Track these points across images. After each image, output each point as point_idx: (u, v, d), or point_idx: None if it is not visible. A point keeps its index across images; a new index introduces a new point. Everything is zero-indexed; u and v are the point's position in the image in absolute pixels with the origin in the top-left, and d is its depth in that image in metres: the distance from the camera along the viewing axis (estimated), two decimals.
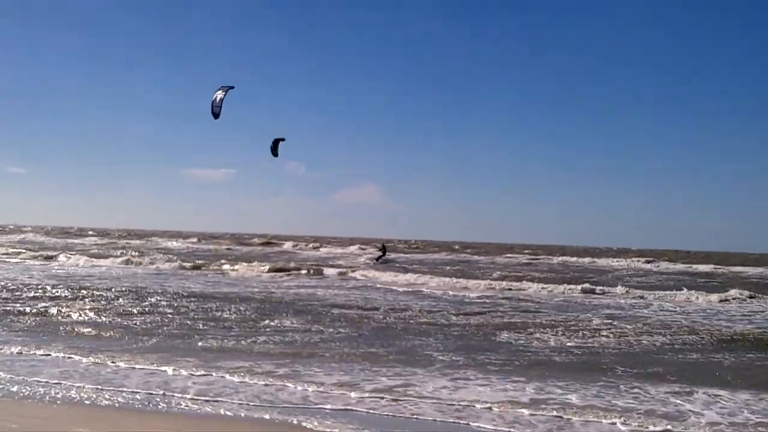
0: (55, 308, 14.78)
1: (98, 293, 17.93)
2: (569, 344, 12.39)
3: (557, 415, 7.75)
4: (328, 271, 29.73)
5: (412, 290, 22.54)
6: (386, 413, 7.75)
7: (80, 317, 14.02)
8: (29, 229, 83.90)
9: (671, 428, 7.38)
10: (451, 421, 7.53)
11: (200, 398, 8.13)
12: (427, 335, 13.11)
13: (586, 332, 13.62)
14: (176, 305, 16.07)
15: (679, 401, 8.49)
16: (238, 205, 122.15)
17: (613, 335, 13.32)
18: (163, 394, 8.26)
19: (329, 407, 7.87)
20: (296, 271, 29.55)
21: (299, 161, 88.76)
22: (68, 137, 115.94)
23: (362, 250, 51.36)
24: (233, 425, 7.23)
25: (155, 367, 9.65)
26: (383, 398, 8.29)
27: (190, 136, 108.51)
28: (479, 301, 19.63)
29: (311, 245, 59.84)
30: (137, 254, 36.63)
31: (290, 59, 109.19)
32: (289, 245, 59.57)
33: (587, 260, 46.79)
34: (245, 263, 32.02)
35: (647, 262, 45.91)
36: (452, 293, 21.76)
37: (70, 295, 17.45)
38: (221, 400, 8.07)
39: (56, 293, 17.65)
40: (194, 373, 9.33)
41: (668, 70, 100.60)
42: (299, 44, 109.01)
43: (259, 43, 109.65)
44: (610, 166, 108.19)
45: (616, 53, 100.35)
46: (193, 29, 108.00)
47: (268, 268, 29.87)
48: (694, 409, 8.18)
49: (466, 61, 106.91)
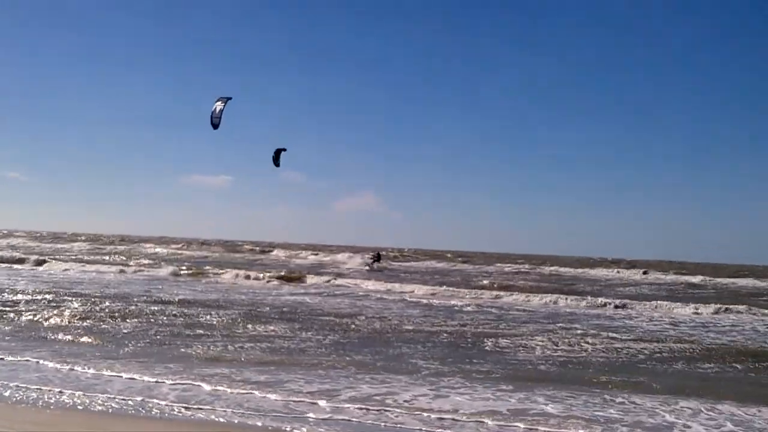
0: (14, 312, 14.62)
1: (67, 298, 17.74)
2: (555, 354, 12.31)
3: (531, 427, 7.62)
4: (316, 279, 29.49)
5: (400, 298, 22.44)
6: (362, 421, 7.64)
7: (46, 322, 13.86)
8: (23, 234, 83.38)
9: None
10: (426, 430, 7.42)
11: (179, 404, 7.99)
12: (414, 342, 13.04)
13: (573, 342, 13.55)
14: (149, 311, 15.87)
15: (665, 413, 8.39)
16: (236, 212, 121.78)
17: (600, 345, 13.25)
18: (142, 400, 8.12)
19: (312, 416, 7.75)
20: (275, 278, 29.25)
21: (298, 169, 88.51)
22: (66, 142, 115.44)
23: (355, 258, 51.18)
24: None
25: (131, 375, 9.49)
26: (361, 407, 8.14)
27: (189, 142, 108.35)
28: (467, 309, 19.53)
29: (305, 253, 59.55)
30: (107, 258, 36.20)
31: (289, 66, 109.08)
32: (279, 252, 59.30)
33: (579, 270, 46.74)
34: (233, 270, 31.79)
35: (644, 273, 45.86)
36: (440, 302, 21.67)
37: (31, 298, 17.27)
38: (203, 407, 7.93)
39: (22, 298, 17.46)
40: (173, 380, 9.18)
41: (668, 78, 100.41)
42: (298, 51, 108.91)
43: (258, 49, 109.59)
44: (610, 176, 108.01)
45: (612, 59, 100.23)
46: (192, 33, 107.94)
47: (267, 275, 29.58)
48: (678, 420, 8.10)
49: (465, 69, 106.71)
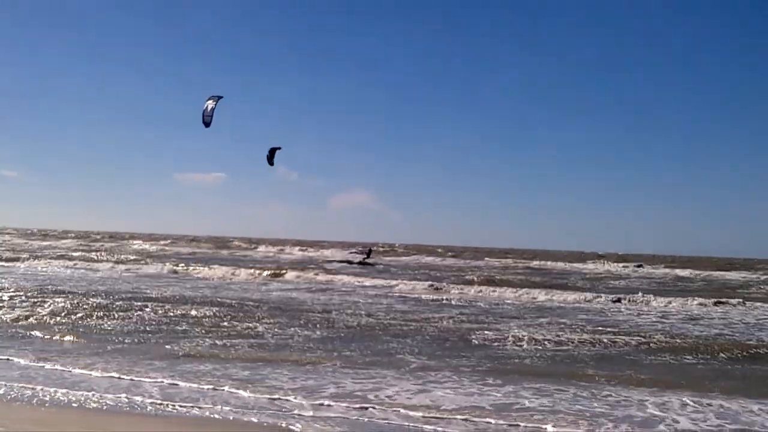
0: None
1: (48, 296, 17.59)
2: (543, 347, 12.27)
3: (514, 423, 7.53)
4: (302, 274, 29.24)
5: (389, 293, 22.39)
6: (345, 417, 7.56)
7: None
8: (12, 231, 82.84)
9: None
10: (407, 425, 7.36)
11: (164, 402, 7.91)
12: (402, 337, 13.00)
13: (560, 335, 13.50)
14: (129, 307, 15.66)
15: (652, 406, 8.35)
16: (231, 210, 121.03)
17: (588, 338, 13.21)
18: (126, 398, 8.02)
19: (295, 413, 7.66)
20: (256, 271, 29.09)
21: (292, 166, 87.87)
22: (62, 141, 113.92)
23: (343, 252, 51.15)
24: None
25: (113, 373, 9.42)
26: (344, 404, 8.04)
27: (181, 139, 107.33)
28: (455, 303, 19.50)
29: (291, 248, 59.39)
30: (78, 254, 35.87)
31: (286, 65, 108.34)
32: (268, 248, 59.05)
33: (569, 265, 46.81)
34: (217, 266, 31.59)
35: (638, 266, 45.97)
36: (428, 296, 21.60)
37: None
38: (185, 405, 7.85)
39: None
40: (155, 378, 9.09)
41: (664, 77, 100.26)
42: (295, 49, 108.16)
43: (254, 48, 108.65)
44: (608, 176, 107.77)
45: (612, 59, 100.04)
46: (188, 32, 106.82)
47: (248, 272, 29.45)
48: (666, 414, 8.05)
49: (463, 68, 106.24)
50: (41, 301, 15.86)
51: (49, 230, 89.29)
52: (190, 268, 30.74)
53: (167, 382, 8.85)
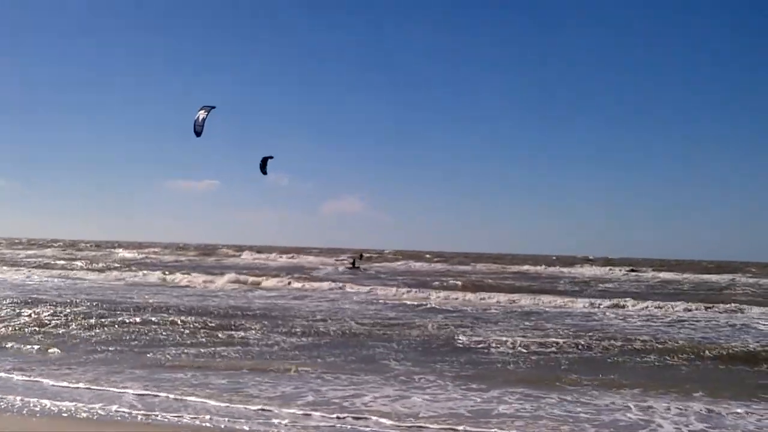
0: None
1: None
2: (527, 352, 12.16)
3: (495, 429, 7.42)
4: (288, 281, 29.01)
5: (375, 299, 22.21)
6: (319, 425, 7.44)
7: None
8: (2, 241, 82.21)
9: None
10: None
11: (145, 412, 7.74)
12: (388, 342, 12.92)
13: (545, 340, 13.40)
14: (106, 317, 15.45)
15: (636, 411, 8.27)
16: (221, 216, 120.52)
17: (572, 343, 13.10)
18: (101, 408, 7.84)
19: (274, 422, 7.53)
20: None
21: (284, 172, 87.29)
22: (50, 148, 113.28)
23: (335, 259, 51.00)
24: None
25: (92, 383, 9.25)
26: (322, 413, 7.90)
27: (173, 147, 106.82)
28: (442, 309, 19.38)
29: (285, 255, 59.18)
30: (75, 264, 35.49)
31: (274, 68, 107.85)
32: (250, 255, 58.72)
33: (557, 269, 46.85)
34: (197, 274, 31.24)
35: (631, 271, 45.92)
36: (414, 302, 21.40)
37: None
38: (167, 415, 7.71)
39: None
40: (131, 388, 8.92)
41: (658, 78, 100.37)
42: (284, 53, 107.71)
43: (245, 53, 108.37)
44: (600, 175, 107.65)
45: (612, 59, 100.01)
46: (179, 39, 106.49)
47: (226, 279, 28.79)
48: (651, 419, 7.98)
49: (456, 71, 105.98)
50: (17, 312, 15.54)
51: (38, 239, 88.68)
52: (173, 276, 30.23)
53: (138, 392, 8.65)
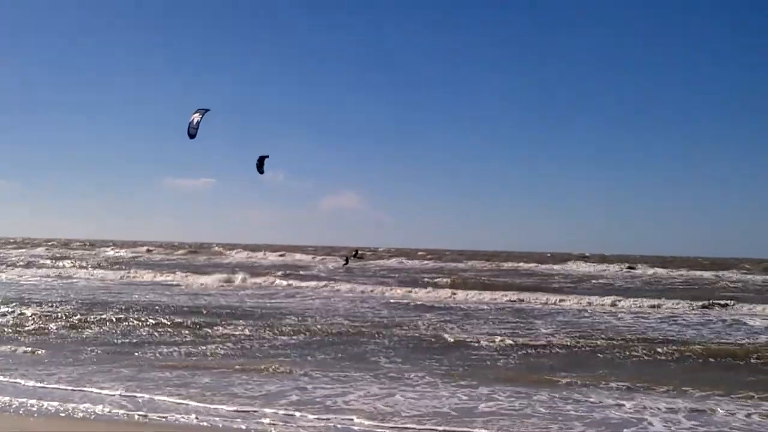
0: None
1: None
2: (519, 350, 12.08)
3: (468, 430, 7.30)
4: (287, 279, 28.96)
5: (367, 297, 22.12)
6: (300, 426, 7.33)
7: None
8: None
9: None
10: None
11: (129, 412, 7.61)
12: (379, 339, 12.87)
13: (536, 338, 13.38)
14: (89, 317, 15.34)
15: (626, 408, 8.20)
16: (218, 214, 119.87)
17: (563, 341, 13.07)
18: (80, 409, 7.72)
19: (255, 421, 7.42)
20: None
21: (280, 169, 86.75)
22: (46, 147, 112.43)
23: (329, 257, 50.82)
24: None
25: (75, 385, 9.12)
26: (297, 413, 7.77)
27: (171, 146, 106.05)
28: (434, 306, 19.32)
29: (277, 253, 58.91)
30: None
31: (274, 68, 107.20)
32: (247, 253, 58.42)
33: (549, 266, 46.72)
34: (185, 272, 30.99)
35: (629, 268, 45.67)
36: (407, 300, 21.34)
37: None
38: (153, 415, 7.60)
39: None
40: (119, 390, 8.80)
41: (658, 78, 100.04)
42: (283, 53, 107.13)
43: (243, 53, 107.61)
44: (599, 175, 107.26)
45: (613, 59, 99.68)
46: (177, 37, 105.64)
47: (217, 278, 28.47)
48: (641, 416, 7.90)
49: (453, 68, 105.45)
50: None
51: (34, 239, 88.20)
52: (161, 275, 29.95)
53: (121, 393, 8.52)
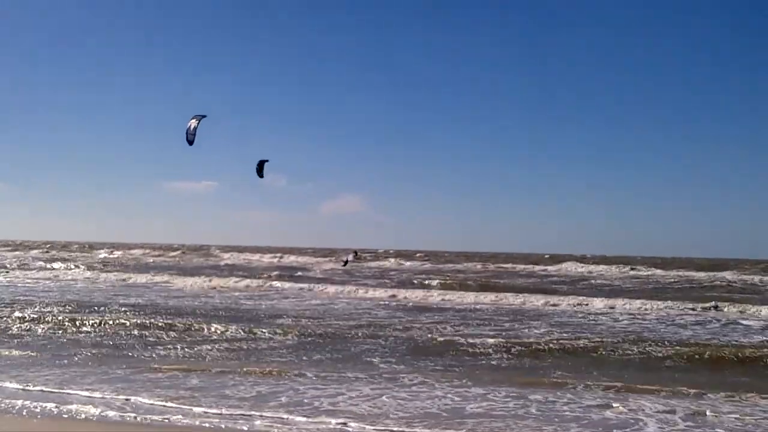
0: None
1: None
2: (515, 351, 12.01)
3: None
4: (284, 281, 28.86)
5: (363, 298, 22.06)
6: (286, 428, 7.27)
7: None
8: None
9: None
10: None
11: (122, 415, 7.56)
12: (375, 341, 12.84)
13: (533, 339, 13.30)
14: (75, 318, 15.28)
15: (623, 410, 8.13)
16: (219, 217, 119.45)
17: (561, 342, 12.99)
18: (67, 411, 7.66)
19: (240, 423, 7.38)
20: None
21: (283, 174, 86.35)
22: (47, 149, 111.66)
23: (329, 259, 50.75)
24: None
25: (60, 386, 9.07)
26: (284, 414, 7.70)
27: (170, 147, 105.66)
28: (432, 308, 19.30)
29: (277, 255, 58.78)
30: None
31: (274, 68, 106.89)
32: (245, 255, 58.30)
33: (549, 267, 46.65)
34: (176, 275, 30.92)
35: (631, 269, 45.54)
36: (404, 301, 21.29)
37: None
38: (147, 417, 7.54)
39: None
40: (108, 393, 8.75)
41: (658, 78, 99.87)
42: (284, 53, 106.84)
43: (244, 53, 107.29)
44: (599, 175, 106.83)
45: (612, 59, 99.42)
46: (178, 38, 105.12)
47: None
48: (639, 417, 7.85)
49: (455, 70, 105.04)
50: None
51: (30, 242, 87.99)
52: (158, 276, 29.70)
53: (108, 395, 8.45)
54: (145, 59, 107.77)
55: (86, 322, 14.25)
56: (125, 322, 14.34)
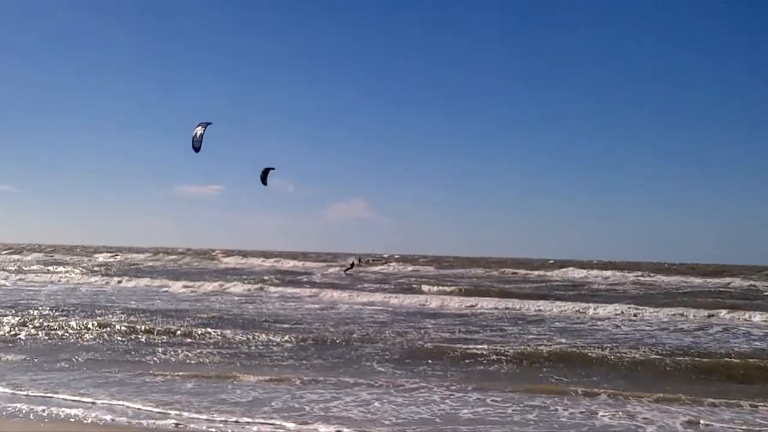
0: None
1: None
2: (515, 357, 11.90)
3: None
4: (286, 286, 28.80)
5: (366, 303, 21.96)
6: None
7: None
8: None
9: None
10: None
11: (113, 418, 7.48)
12: (375, 346, 12.77)
13: (534, 345, 13.20)
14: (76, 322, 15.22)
15: (621, 417, 8.05)
16: (225, 221, 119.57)
17: (561, 348, 12.90)
18: (59, 415, 7.58)
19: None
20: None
21: (288, 177, 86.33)
22: (55, 152, 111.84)
23: (332, 264, 50.63)
24: None
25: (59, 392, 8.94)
26: (275, 420, 7.62)
27: (177, 152, 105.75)
28: (432, 313, 19.21)
29: (277, 259, 58.71)
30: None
31: (275, 70, 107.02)
32: (245, 259, 58.22)
33: (549, 272, 46.47)
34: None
35: (639, 276, 45.34)
36: (405, 307, 21.22)
37: None
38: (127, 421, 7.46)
39: None
40: (99, 397, 8.67)
41: (658, 78, 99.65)
42: (290, 57, 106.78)
43: (250, 58, 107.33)
44: (601, 176, 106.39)
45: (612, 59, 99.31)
46: (185, 42, 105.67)
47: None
48: (638, 423, 7.77)
49: (459, 72, 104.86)
50: None
51: (32, 245, 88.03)
52: (150, 280, 29.65)
53: (101, 400, 8.38)
54: (152, 64, 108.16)
55: (83, 326, 14.18)
56: (122, 326, 14.27)
